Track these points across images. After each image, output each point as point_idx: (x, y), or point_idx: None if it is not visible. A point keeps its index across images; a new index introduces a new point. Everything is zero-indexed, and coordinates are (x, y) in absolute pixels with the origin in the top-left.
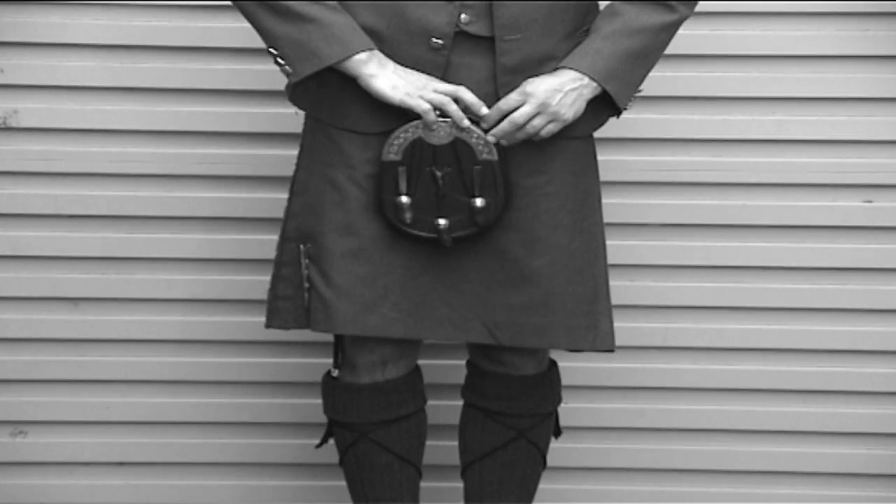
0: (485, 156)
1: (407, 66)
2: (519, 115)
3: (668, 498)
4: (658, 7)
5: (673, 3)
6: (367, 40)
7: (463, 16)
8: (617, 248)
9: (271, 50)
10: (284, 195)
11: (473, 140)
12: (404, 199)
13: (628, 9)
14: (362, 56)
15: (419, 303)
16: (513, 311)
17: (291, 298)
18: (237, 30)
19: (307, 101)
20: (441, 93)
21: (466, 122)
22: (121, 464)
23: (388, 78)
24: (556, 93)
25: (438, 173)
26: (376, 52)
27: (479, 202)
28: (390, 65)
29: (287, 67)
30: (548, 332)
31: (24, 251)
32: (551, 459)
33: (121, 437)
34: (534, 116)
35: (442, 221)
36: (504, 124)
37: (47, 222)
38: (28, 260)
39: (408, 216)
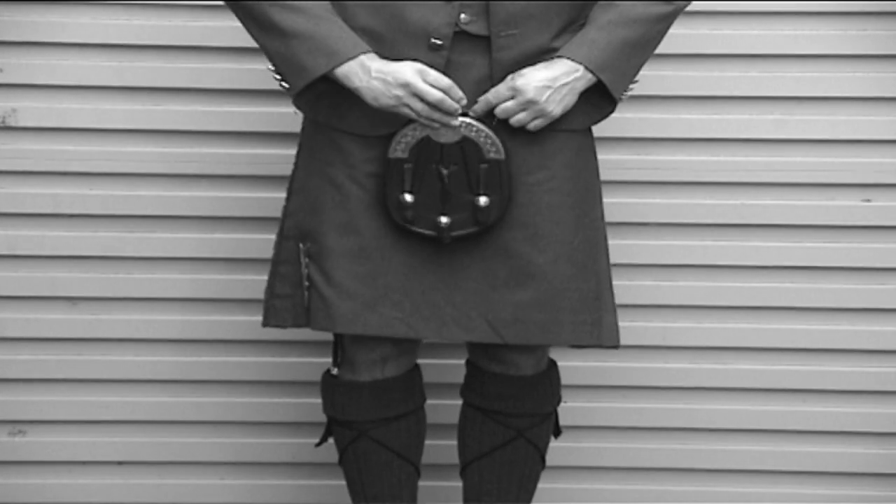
0: (492, 155)
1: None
2: (501, 112)
3: (668, 497)
4: None
5: None
6: (354, 45)
7: (463, 15)
8: (616, 247)
9: (269, 68)
10: (283, 194)
11: (482, 139)
12: (408, 196)
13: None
14: (343, 69)
15: (421, 302)
16: (517, 309)
17: (290, 297)
18: (236, 29)
19: (308, 105)
20: (422, 97)
21: (456, 122)
22: (120, 463)
23: (370, 89)
24: (546, 89)
25: (444, 171)
26: (360, 59)
27: (482, 200)
28: (374, 70)
29: (283, 83)
30: (553, 329)
31: (22, 250)
32: (550, 459)
33: (119, 436)
34: (519, 111)
35: (444, 219)
36: (484, 110)
37: (46, 221)
38: (26, 259)
39: (410, 214)
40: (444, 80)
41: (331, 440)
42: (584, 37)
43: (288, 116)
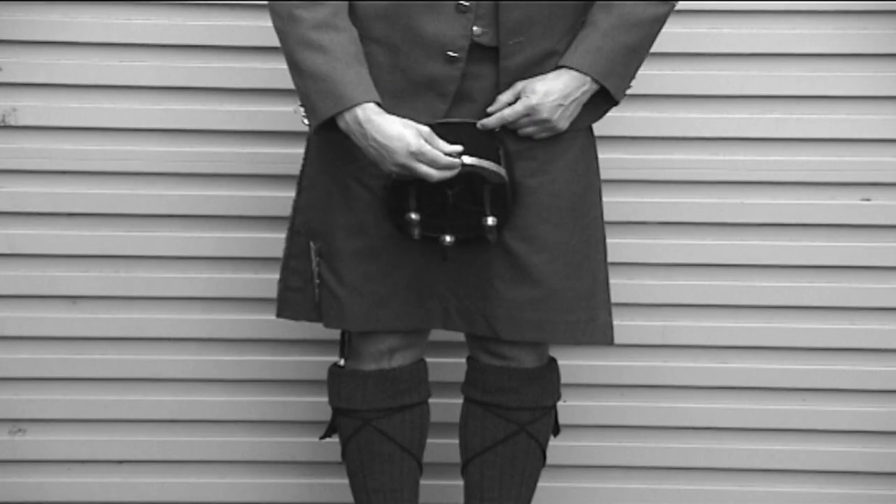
0: (495, 180)
1: (421, 81)
2: (511, 125)
3: (667, 496)
4: None
5: None
6: (362, 91)
7: (476, 28)
8: (615, 245)
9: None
10: (285, 193)
11: (486, 173)
12: (413, 215)
13: (625, 0)
14: (342, 123)
15: (428, 295)
16: (513, 306)
17: (302, 290)
18: (236, 28)
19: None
20: (419, 157)
21: (459, 168)
22: (119, 462)
23: (369, 154)
24: (559, 107)
25: (449, 192)
26: (356, 114)
27: (490, 220)
28: (369, 137)
29: (304, 120)
30: (546, 327)
31: (22, 249)
32: (550, 457)
33: (119, 435)
34: (529, 126)
35: (448, 238)
36: (497, 125)
37: (46, 220)
38: (27, 258)
39: (416, 232)
40: (442, 159)
41: (334, 439)
42: (589, 44)
43: (289, 115)
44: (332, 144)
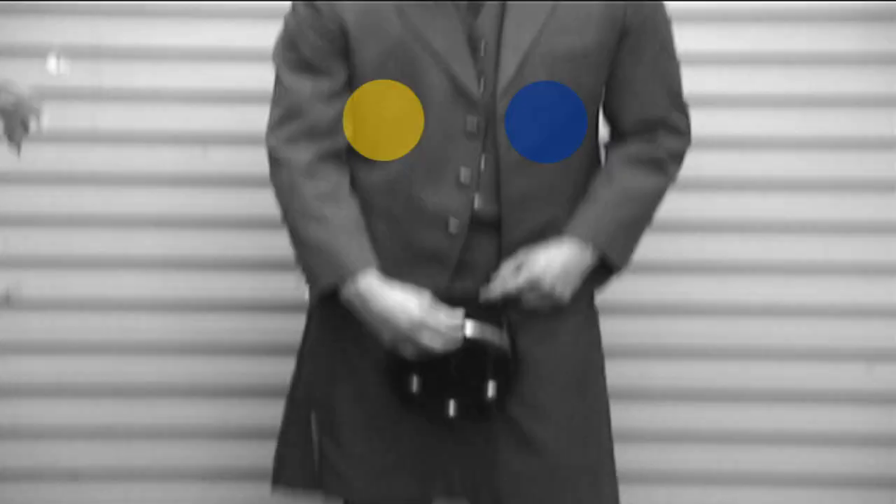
0: (498, 353)
1: (422, 253)
2: (517, 297)
3: None
4: (652, 170)
5: (664, 160)
6: (363, 262)
7: (477, 200)
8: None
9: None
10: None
11: (488, 346)
12: (415, 387)
13: (625, 174)
14: (344, 295)
15: (432, 464)
16: (517, 479)
17: (300, 461)
18: (237, 203)
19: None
20: (422, 328)
21: (457, 344)
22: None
23: (373, 328)
24: (560, 279)
25: (452, 362)
26: (358, 289)
27: (490, 390)
28: (372, 312)
29: (307, 295)
30: (551, 501)
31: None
32: None
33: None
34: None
35: (451, 407)
36: (500, 297)
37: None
38: (29, 436)
39: (417, 402)
40: (444, 331)
41: None
42: (590, 215)
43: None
44: (334, 314)
